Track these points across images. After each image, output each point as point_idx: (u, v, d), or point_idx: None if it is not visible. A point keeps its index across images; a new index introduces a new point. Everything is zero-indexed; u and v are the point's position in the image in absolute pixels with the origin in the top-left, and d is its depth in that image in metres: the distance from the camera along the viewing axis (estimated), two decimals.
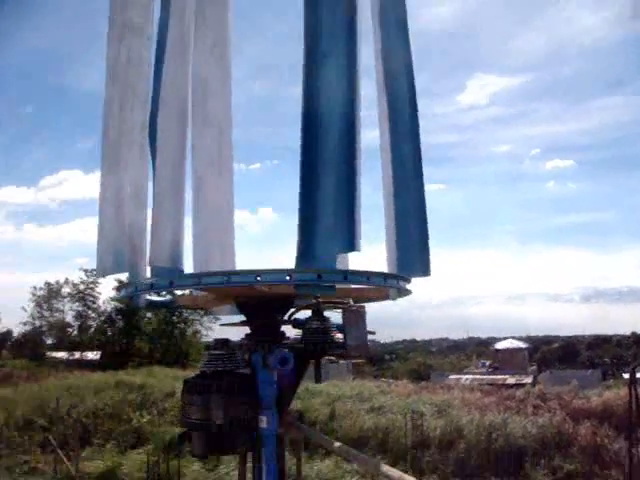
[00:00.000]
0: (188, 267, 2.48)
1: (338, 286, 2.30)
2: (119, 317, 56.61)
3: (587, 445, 25.26)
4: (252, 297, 2.30)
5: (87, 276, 56.00)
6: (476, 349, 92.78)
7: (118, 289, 2.49)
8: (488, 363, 61.28)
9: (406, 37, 2.88)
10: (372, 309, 2.47)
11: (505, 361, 55.99)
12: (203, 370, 2.28)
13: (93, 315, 57.65)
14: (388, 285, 2.41)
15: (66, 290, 56.99)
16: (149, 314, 58.63)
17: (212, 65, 2.79)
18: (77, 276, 57.86)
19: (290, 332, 2.49)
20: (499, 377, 46.40)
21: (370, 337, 2.37)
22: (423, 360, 68.10)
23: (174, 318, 57.83)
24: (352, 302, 2.44)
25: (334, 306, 2.48)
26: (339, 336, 2.38)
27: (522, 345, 62.54)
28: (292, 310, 2.47)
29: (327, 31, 2.43)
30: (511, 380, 44.73)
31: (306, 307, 2.45)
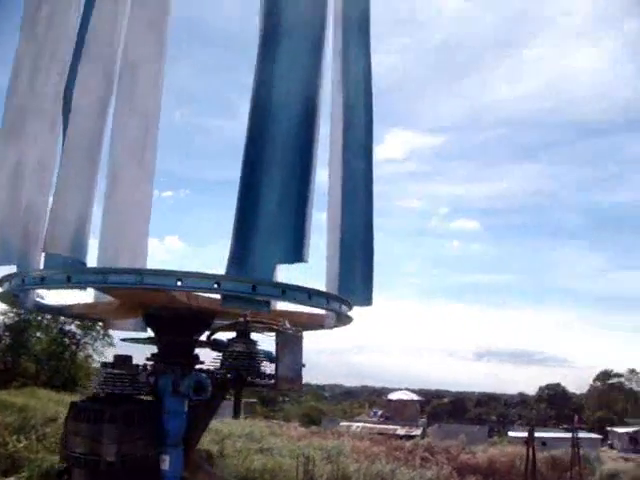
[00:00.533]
0: (91, 263, 2.02)
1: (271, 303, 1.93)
2: (6, 334, 53.68)
3: None
4: (166, 308, 1.88)
5: None
6: (369, 398, 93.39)
7: (0, 282, 1.98)
8: (380, 412, 61.61)
9: (367, 42, 2.64)
10: (264, 345, 2.10)
11: (397, 411, 56.40)
12: (96, 392, 1.82)
13: None
14: (330, 308, 2.05)
15: None
16: (39, 333, 56.01)
17: (146, 47, 2.42)
18: None
19: (205, 355, 2.07)
20: (390, 427, 46.61)
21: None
22: (315, 405, 67.70)
23: (66, 340, 55.35)
24: (287, 324, 2.04)
25: (265, 328, 2.08)
26: (268, 364, 1.97)
27: (414, 397, 63.28)
28: (213, 328, 2.06)
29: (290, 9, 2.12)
30: (401, 431, 44.97)
31: (230, 326, 2.04)
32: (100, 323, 2.58)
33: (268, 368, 1.98)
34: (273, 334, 2.00)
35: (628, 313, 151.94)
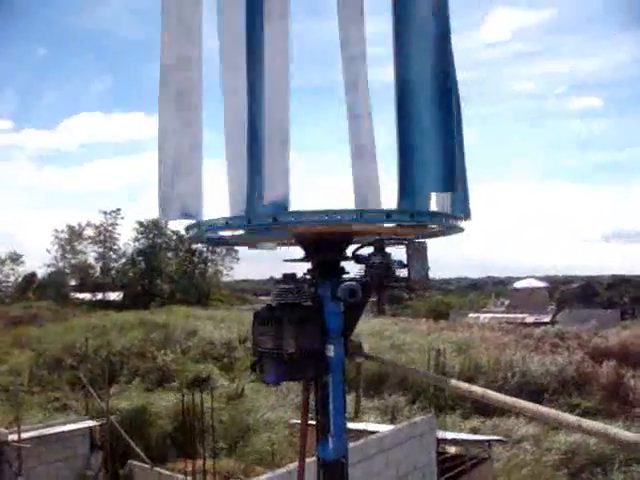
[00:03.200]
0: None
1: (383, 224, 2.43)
2: (140, 258, 57.45)
3: (607, 383, 25.67)
4: (319, 233, 2.42)
5: (106, 218, 56.66)
6: (494, 288, 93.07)
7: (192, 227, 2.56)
8: (507, 302, 61.57)
9: None
10: (396, 256, 2.56)
11: (524, 300, 56.19)
12: (271, 303, 2.42)
13: (114, 257, 58.46)
14: (449, 225, 2.51)
15: (87, 232, 57.73)
16: (169, 254, 59.55)
17: None
18: (97, 218, 58.60)
19: (350, 268, 2.60)
20: (518, 316, 46.67)
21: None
22: (442, 299, 68.26)
23: (195, 259, 58.65)
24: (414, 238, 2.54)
25: (396, 242, 2.58)
26: (401, 270, 2.49)
27: (541, 284, 62.73)
28: (357, 246, 2.58)
29: None
30: (530, 319, 45.06)
31: (370, 244, 2.56)
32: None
33: (401, 273, 2.50)
34: (403, 247, 2.51)
35: None
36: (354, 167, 2.89)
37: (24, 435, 13.82)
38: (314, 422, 2.56)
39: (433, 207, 2.52)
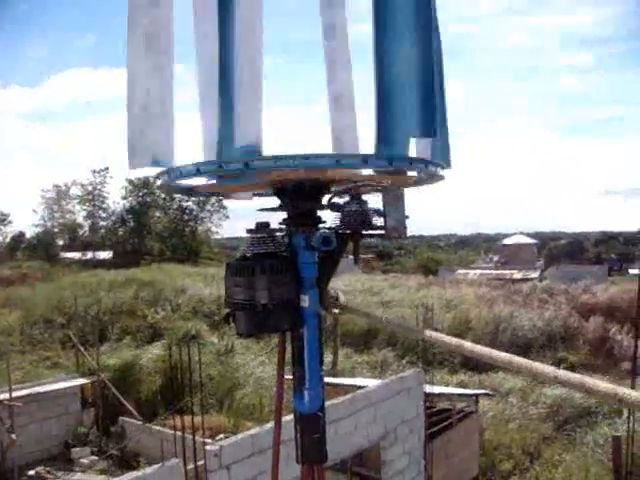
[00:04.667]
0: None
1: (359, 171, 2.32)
2: (130, 217, 57.30)
3: (593, 338, 26.02)
4: (293, 181, 2.33)
5: (95, 177, 56.30)
6: (484, 245, 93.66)
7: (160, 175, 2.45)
8: (495, 258, 62.00)
9: None
10: (372, 204, 2.48)
11: (513, 256, 56.61)
12: (244, 253, 2.34)
13: (103, 215, 58.29)
14: (428, 172, 2.41)
15: (75, 192, 57.41)
16: (158, 213, 59.40)
17: None
18: (85, 177, 58.24)
19: (325, 216, 2.52)
20: (506, 272, 47.07)
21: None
22: (431, 255, 68.68)
23: (185, 216, 58.56)
24: (390, 184, 2.45)
25: (372, 189, 2.50)
26: (377, 218, 2.41)
27: (530, 241, 63.08)
28: (331, 194, 2.49)
29: None
30: (518, 275, 45.42)
31: (345, 191, 2.47)
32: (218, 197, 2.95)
33: (378, 222, 2.42)
34: (379, 194, 2.43)
35: None
36: (332, 116, 2.80)
37: (16, 394, 13.90)
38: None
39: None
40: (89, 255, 54.07)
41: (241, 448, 8.51)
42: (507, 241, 63.28)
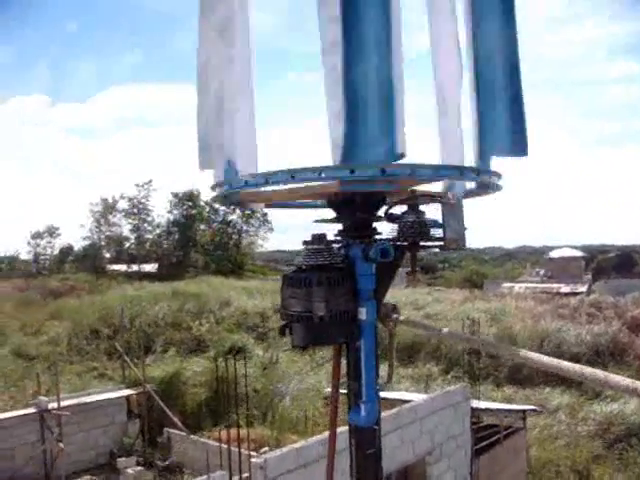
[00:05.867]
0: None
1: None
2: (174, 229, 58.02)
3: None
4: (349, 192, 2.30)
5: (139, 190, 57.18)
6: (529, 257, 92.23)
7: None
8: (542, 272, 60.88)
9: None
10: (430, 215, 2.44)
11: (559, 269, 55.47)
12: (301, 265, 2.31)
13: (149, 228, 59.13)
14: (481, 182, 2.38)
15: (121, 205, 58.39)
16: (203, 226, 60.00)
17: None
18: (131, 191, 59.23)
19: (381, 228, 2.49)
20: (553, 285, 46.14)
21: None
22: (476, 268, 67.88)
23: (229, 229, 59.07)
24: (450, 195, 2.41)
25: (430, 200, 2.46)
26: (436, 229, 2.37)
27: (577, 254, 61.80)
28: (388, 205, 2.46)
29: None
30: (565, 289, 44.52)
31: (402, 202, 2.44)
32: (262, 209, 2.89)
33: (436, 233, 2.38)
34: (438, 205, 2.38)
35: None
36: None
37: (64, 403, 14.12)
38: (345, 390, 2.48)
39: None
40: (135, 267, 54.80)
41: (286, 461, 8.49)
42: (553, 254, 62.05)
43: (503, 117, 2.34)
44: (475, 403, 12.81)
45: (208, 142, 2.45)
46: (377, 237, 2.44)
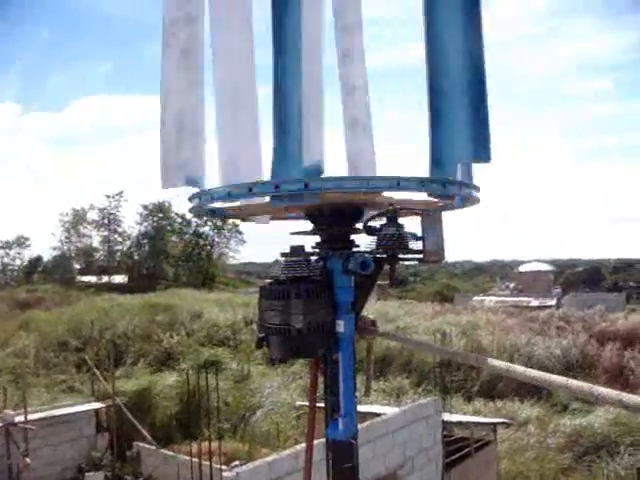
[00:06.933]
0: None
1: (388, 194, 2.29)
2: (145, 241, 57.56)
3: (610, 366, 25.65)
4: (329, 205, 2.30)
5: (110, 201, 56.69)
6: (500, 271, 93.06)
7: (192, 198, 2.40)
8: (512, 285, 61.49)
9: None
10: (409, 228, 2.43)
11: (529, 283, 56.10)
12: (277, 277, 2.30)
13: (119, 239, 58.61)
14: (461, 194, 2.37)
15: (91, 216, 57.85)
16: (174, 237, 59.63)
17: None
18: (100, 201, 58.74)
19: (359, 240, 2.49)
20: (523, 299, 46.61)
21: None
22: (447, 282, 68.21)
23: (200, 241, 58.77)
24: (428, 208, 2.42)
25: (409, 213, 2.46)
26: (415, 242, 2.37)
27: (547, 268, 62.50)
28: (368, 217, 2.46)
29: None
30: (535, 302, 44.98)
31: (382, 214, 2.43)
32: (234, 221, 2.91)
33: (415, 245, 2.37)
34: (417, 217, 2.39)
35: None
36: (347, 140, 2.80)
37: (30, 417, 13.82)
38: (322, 404, 2.46)
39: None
40: (105, 279, 54.24)
41: (258, 475, 8.40)
42: (523, 268, 62.71)
43: (464, 122, 2.26)
44: (446, 416, 12.81)
45: (169, 164, 2.48)
46: (355, 249, 2.44)
